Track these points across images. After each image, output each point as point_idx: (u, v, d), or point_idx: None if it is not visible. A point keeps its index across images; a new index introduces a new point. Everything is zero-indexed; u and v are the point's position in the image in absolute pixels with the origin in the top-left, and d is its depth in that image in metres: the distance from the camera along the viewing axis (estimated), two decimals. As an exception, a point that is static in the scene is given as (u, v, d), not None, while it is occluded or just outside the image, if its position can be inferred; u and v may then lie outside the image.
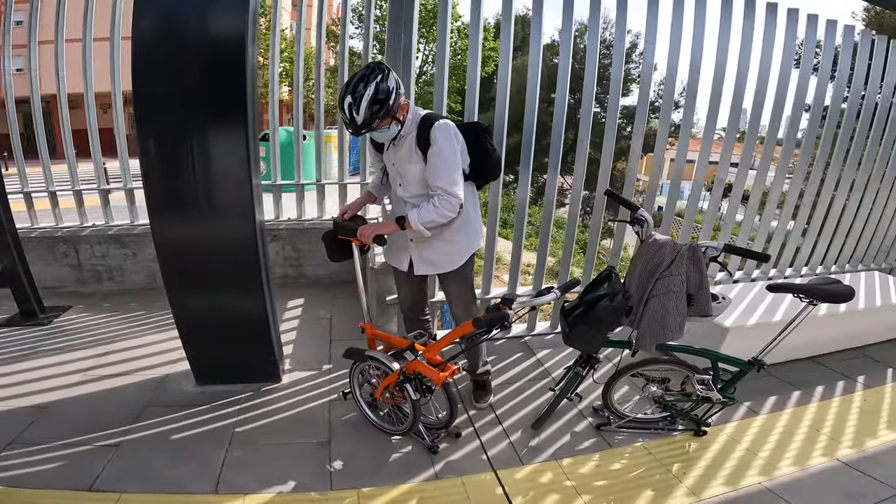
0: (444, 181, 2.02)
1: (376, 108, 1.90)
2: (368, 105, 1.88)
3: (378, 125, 1.96)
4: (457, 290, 2.44)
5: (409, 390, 2.13)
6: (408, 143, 2.11)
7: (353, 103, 1.89)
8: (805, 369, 3.15)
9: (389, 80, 1.92)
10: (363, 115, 1.89)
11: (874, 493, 2.09)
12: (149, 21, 2.08)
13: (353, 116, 1.91)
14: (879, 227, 4.43)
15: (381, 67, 1.93)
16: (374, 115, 1.91)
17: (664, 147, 3.34)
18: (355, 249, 2.28)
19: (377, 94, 1.89)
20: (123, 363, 2.94)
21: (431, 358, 2.16)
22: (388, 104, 1.91)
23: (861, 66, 3.67)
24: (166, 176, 2.27)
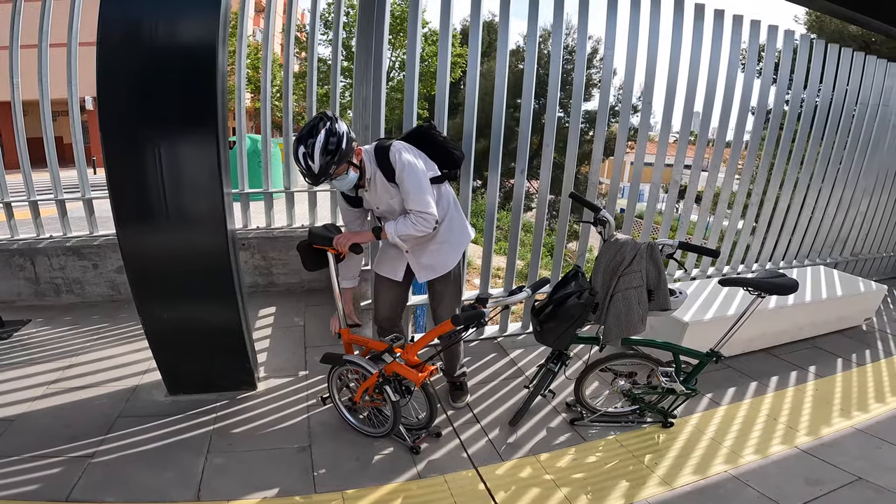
0: (416, 203, 2.08)
1: (329, 157, 1.93)
2: (322, 152, 1.91)
3: (335, 171, 1.99)
4: (450, 291, 2.47)
5: (389, 392, 2.16)
6: (379, 181, 2.16)
7: (307, 153, 1.92)
8: (760, 361, 3.33)
9: (338, 125, 1.96)
10: (318, 162, 1.92)
11: (833, 478, 2.22)
12: (115, 26, 2.05)
13: (308, 165, 1.93)
14: (823, 224, 4.73)
15: (327, 115, 1.97)
16: (329, 162, 1.94)
17: (623, 151, 3.48)
18: (330, 258, 2.30)
19: (329, 140, 1.92)
20: (90, 375, 2.85)
21: (409, 359, 2.19)
22: (340, 148, 1.94)
23: (801, 69, 3.92)
24: (134, 186, 2.22)
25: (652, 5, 3.24)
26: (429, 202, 2.10)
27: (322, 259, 2.32)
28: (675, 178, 3.78)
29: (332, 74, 4.03)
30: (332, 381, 2.44)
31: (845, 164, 4.53)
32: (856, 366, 3.34)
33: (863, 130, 4.48)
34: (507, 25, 2.98)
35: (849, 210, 4.80)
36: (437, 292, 2.50)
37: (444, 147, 2.31)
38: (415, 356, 2.20)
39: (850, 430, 2.60)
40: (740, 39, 3.59)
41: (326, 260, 2.31)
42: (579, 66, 3.18)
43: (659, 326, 3.06)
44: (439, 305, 2.52)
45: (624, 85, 3.41)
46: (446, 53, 2.86)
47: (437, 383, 2.82)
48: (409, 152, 2.14)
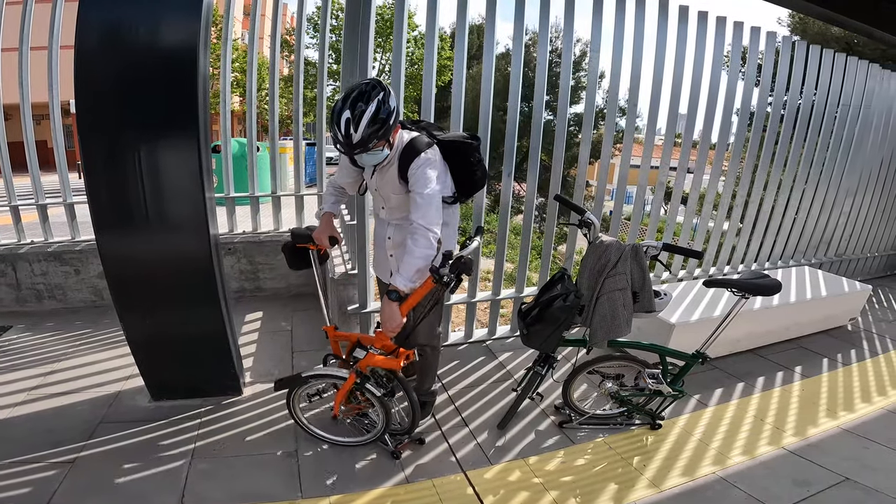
0: (423, 218, 1.92)
1: (376, 128, 1.80)
2: (368, 123, 1.78)
3: (374, 146, 1.86)
4: (427, 305, 2.37)
5: (372, 390, 2.11)
6: (391, 173, 2.06)
7: (351, 119, 1.78)
8: (747, 361, 3.36)
9: (391, 100, 1.83)
10: (361, 133, 1.79)
11: (820, 479, 2.23)
12: (94, 29, 2.02)
13: (349, 134, 1.79)
14: (807, 225, 4.78)
15: (382, 85, 1.83)
16: (372, 135, 1.80)
17: (610, 153, 3.49)
18: (313, 257, 2.31)
19: (378, 114, 1.79)
20: (72, 381, 2.81)
21: (384, 346, 2.11)
22: (387, 125, 1.82)
23: (783, 70, 3.97)
24: (113, 191, 2.19)
25: (637, 7, 3.26)
26: (434, 220, 1.94)
27: (306, 258, 2.32)
28: (661, 179, 3.80)
29: (319, 77, 4.01)
30: (294, 405, 2.33)
31: (828, 165, 4.58)
32: (841, 366, 3.38)
33: (845, 131, 4.53)
34: (493, 29, 2.99)
35: (832, 211, 4.85)
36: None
37: (473, 173, 2.21)
38: (388, 341, 2.10)
39: (837, 431, 2.62)
40: (724, 42, 3.63)
41: (310, 259, 2.32)
42: (565, 69, 3.19)
43: (646, 328, 3.07)
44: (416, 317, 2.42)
45: (610, 87, 3.42)
46: (432, 57, 2.86)
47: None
48: (435, 167, 2.00)
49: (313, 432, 2.38)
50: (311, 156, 10.52)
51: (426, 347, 2.46)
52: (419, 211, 1.93)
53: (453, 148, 2.15)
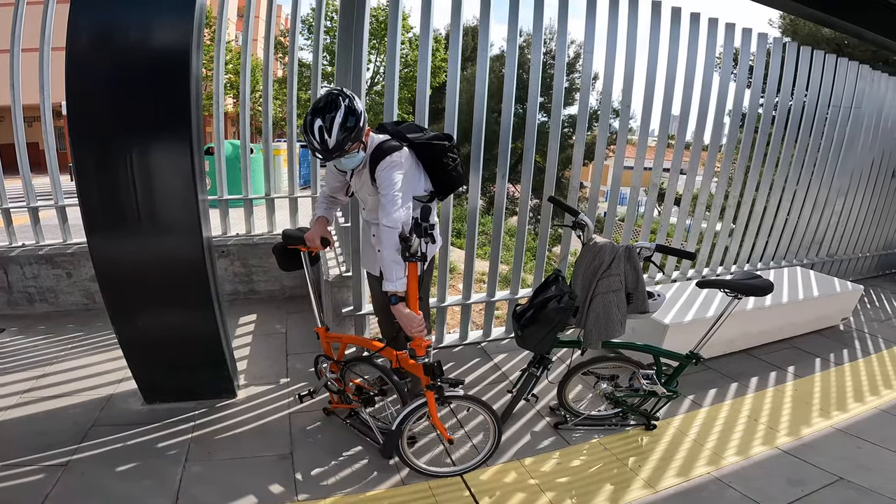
0: (386, 218, 1.97)
1: (347, 131, 1.88)
2: (340, 127, 1.86)
3: (349, 148, 1.93)
4: None
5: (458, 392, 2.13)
6: (364, 175, 2.12)
7: (323, 126, 1.86)
8: (741, 361, 3.38)
9: (357, 103, 1.91)
10: (335, 137, 1.86)
11: (814, 479, 2.24)
12: (85, 30, 2.00)
13: (324, 139, 1.87)
14: (799, 226, 4.81)
15: (346, 93, 1.91)
16: (346, 138, 1.88)
17: (603, 154, 3.51)
18: (304, 258, 2.32)
19: (347, 117, 1.87)
20: (64, 384, 2.80)
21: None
22: (358, 126, 1.90)
23: (775, 72, 4.00)
24: (105, 193, 2.18)
25: (630, 9, 3.27)
26: (391, 213, 1.97)
27: (297, 259, 2.34)
28: (654, 181, 3.82)
29: (313, 79, 4.00)
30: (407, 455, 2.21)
31: (819, 166, 4.62)
32: (834, 365, 3.40)
33: (836, 132, 4.57)
34: (487, 30, 2.99)
35: (824, 211, 4.89)
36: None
37: (447, 174, 2.25)
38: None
39: (830, 430, 2.63)
40: (716, 43, 3.65)
41: (301, 260, 2.33)
42: (559, 70, 3.20)
43: (640, 329, 3.08)
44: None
45: (603, 89, 3.43)
46: (426, 58, 2.86)
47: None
48: (400, 170, 2.02)
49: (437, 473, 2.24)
50: (305, 158, 10.49)
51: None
52: (383, 211, 1.99)
53: (426, 149, 2.20)
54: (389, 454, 2.13)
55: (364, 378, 2.42)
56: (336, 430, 2.48)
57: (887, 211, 5.63)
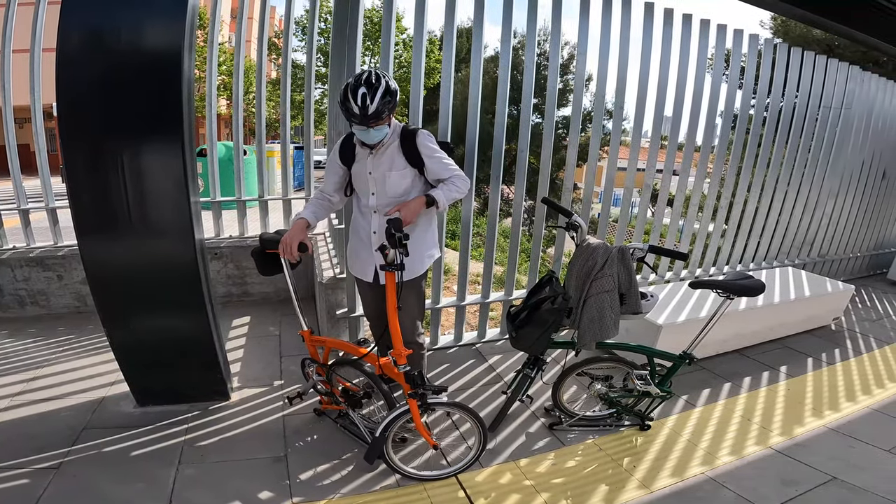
0: (451, 170, 2.22)
1: (388, 100, 2.02)
2: (382, 95, 2.00)
3: (386, 118, 2.07)
4: (411, 299, 2.40)
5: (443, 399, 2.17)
6: (389, 152, 2.19)
7: (367, 93, 1.98)
8: (733, 361, 3.39)
9: (392, 82, 2.07)
10: (376, 104, 1.99)
11: (807, 478, 2.25)
12: (76, 31, 1.99)
13: (365, 105, 1.98)
14: (790, 226, 4.85)
15: (376, 72, 2.05)
16: (384, 106, 2.01)
17: (597, 155, 3.52)
18: (285, 262, 2.29)
19: (389, 88, 2.03)
20: (55, 387, 2.77)
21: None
22: (395, 99, 2.06)
23: (766, 72, 4.03)
24: (96, 195, 2.16)
25: (623, 10, 3.29)
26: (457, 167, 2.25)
27: (277, 264, 2.32)
28: (648, 181, 3.84)
29: (307, 80, 4.00)
30: (392, 459, 2.21)
31: (810, 167, 4.65)
32: (826, 365, 3.42)
33: (826, 133, 4.61)
34: (481, 32, 2.99)
35: (815, 212, 4.93)
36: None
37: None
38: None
39: (823, 430, 2.65)
40: (707, 44, 3.68)
41: (281, 265, 2.30)
42: (552, 72, 3.20)
43: (634, 330, 3.09)
44: (402, 313, 2.42)
45: (597, 90, 3.44)
46: (420, 60, 2.86)
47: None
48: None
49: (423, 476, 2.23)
50: (299, 159, 10.45)
51: (412, 345, 2.43)
52: (445, 168, 2.22)
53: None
54: (373, 460, 2.10)
55: (351, 381, 2.42)
56: (330, 432, 2.47)
57: (878, 211, 5.69)
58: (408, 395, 2.06)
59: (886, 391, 3.07)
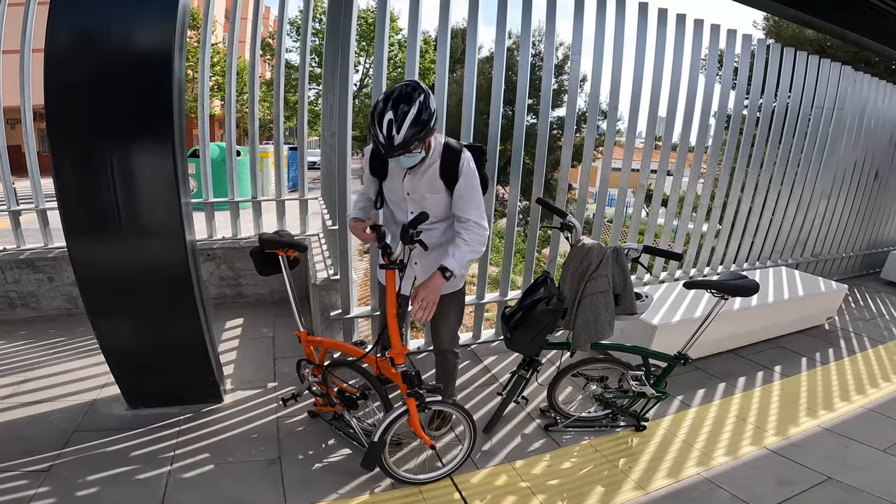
0: (475, 213, 2.03)
1: (417, 130, 1.78)
2: (411, 125, 1.77)
3: (414, 148, 1.84)
4: (454, 307, 2.34)
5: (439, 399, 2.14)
6: (430, 173, 2.03)
7: (393, 121, 1.76)
8: (728, 361, 3.40)
9: (431, 102, 1.82)
10: (404, 135, 1.77)
11: (803, 479, 2.25)
12: (65, 32, 1.96)
13: (391, 135, 1.77)
14: (783, 226, 4.87)
15: (422, 87, 1.82)
16: (413, 137, 1.79)
17: (591, 156, 3.52)
18: (283, 262, 2.30)
19: (420, 115, 1.77)
20: (45, 390, 2.74)
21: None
22: (428, 126, 1.81)
23: (759, 73, 4.04)
24: (84, 197, 2.13)
25: (617, 10, 3.29)
26: (484, 213, 2.08)
27: (275, 264, 2.32)
28: (642, 182, 3.84)
29: (301, 81, 3.98)
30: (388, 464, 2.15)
31: (803, 167, 4.68)
32: (820, 365, 3.44)
33: (819, 133, 4.63)
34: (475, 32, 2.99)
35: (808, 211, 4.96)
36: (440, 308, 2.35)
37: (484, 177, 2.22)
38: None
39: (818, 430, 2.65)
40: (701, 44, 3.69)
41: (279, 265, 2.31)
42: (547, 72, 3.20)
43: (629, 330, 3.08)
44: (442, 322, 2.34)
45: (591, 90, 3.45)
46: (414, 61, 2.85)
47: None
48: (476, 172, 2.07)
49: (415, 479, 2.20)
50: (293, 160, 10.40)
51: (448, 353, 2.43)
52: (472, 206, 2.04)
53: (474, 153, 2.15)
54: (372, 466, 2.04)
55: (348, 383, 2.40)
56: (324, 434, 2.45)
57: (870, 211, 5.72)
58: (406, 395, 2.04)
59: (880, 390, 3.09)
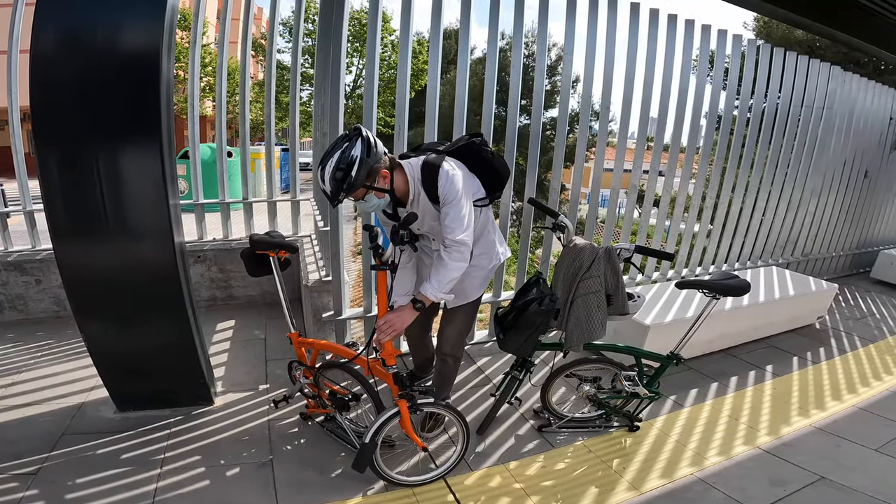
0: (453, 232, 1.93)
1: (339, 178, 1.78)
2: (332, 175, 1.78)
3: (345, 197, 1.84)
4: (464, 310, 2.32)
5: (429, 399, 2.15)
6: (423, 202, 2.00)
7: (320, 171, 1.81)
8: (720, 361, 3.42)
9: (354, 149, 1.78)
10: (328, 185, 1.80)
11: (796, 478, 2.26)
12: (51, 32, 1.93)
13: (323, 188, 1.84)
14: (774, 226, 4.91)
15: (350, 134, 1.82)
16: (338, 187, 1.79)
17: (584, 156, 3.52)
18: (274, 263, 2.29)
19: (339, 165, 1.77)
20: (33, 392, 2.70)
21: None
22: (349, 175, 1.78)
23: (749, 73, 4.06)
24: (71, 198, 2.10)
25: (609, 10, 3.30)
26: (465, 229, 1.94)
27: (266, 265, 2.32)
28: (634, 182, 3.85)
29: (292, 82, 3.96)
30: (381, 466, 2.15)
31: (793, 167, 4.71)
32: (811, 364, 3.46)
33: (809, 133, 4.67)
34: (467, 33, 2.98)
35: (798, 211, 4.99)
36: (447, 316, 2.36)
37: (492, 166, 2.13)
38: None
39: (810, 429, 2.66)
40: (693, 45, 3.70)
41: (270, 266, 2.31)
42: (539, 73, 3.20)
43: (622, 330, 3.09)
44: (449, 325, 2.35)
45: (583, 91, 3.45)
46: (406, 62, 2.84)
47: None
48: (459, 174, 1.95)
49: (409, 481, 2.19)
50: (286, 161, 10.35)
51: (449, 358, 2.41)
52: (450, 226, 1.93)
53: (465, 152, 2.11)
54: (363, 468, 2.02)
55: (340, 384, 2.39)
56: (316, 436, 2.43)
57: (860, 210, 5.77)
58: (398, 397, 2.03)
59: (872, 390, 3.11)
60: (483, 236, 2.22)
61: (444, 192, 1.92)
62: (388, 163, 1.93)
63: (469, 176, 2.07)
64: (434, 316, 2.59)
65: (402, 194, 2.00)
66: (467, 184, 2.01)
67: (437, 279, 1.92)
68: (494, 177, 2.16)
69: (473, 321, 2.45)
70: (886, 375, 3.32)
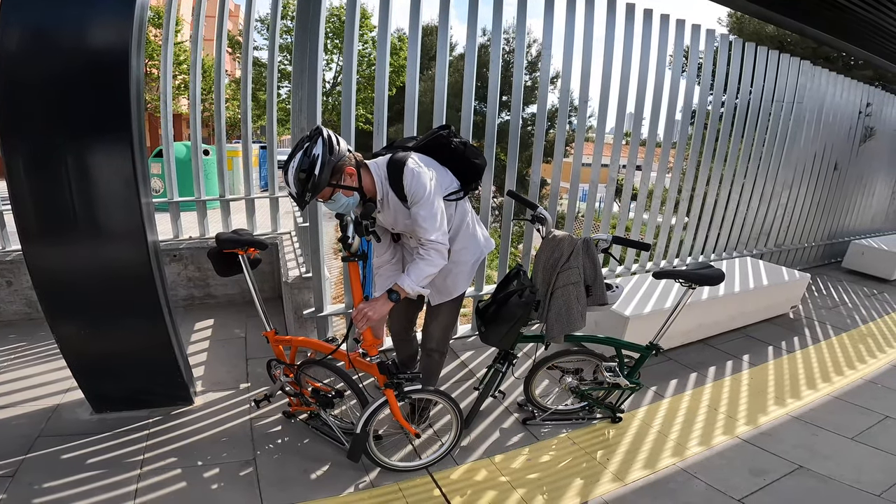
0: (427, 232, 1.93)
1: (303, 178, 1.78)
2: (295, 177, 1.79)
3: (311, 198, 1.83)
4: (447, 307, 2.33)
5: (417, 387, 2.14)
6: (393, 202, 1.99)
7: (285, 175, 1.82)
8: (698, 351, 3.48)
9: (315, 149, 1.78)
10: (293, 187, 1.81)
11: (775, 468, 2.30)
12: (17, 29, 1.88)
13: (289, 189, 1.84)
14: (747, 217, 5.02)
15: (311, 135, 1.81)
16: (303, 188, 1.79)
17: (562, 151, 3.55)
18: (243, 261, 2.24)
19: (301, 166, 1.77)
20: (7, 395, 2.63)
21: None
22: (313, 175, 1.77)
23: (722, 68, 4.14)
24: (40, 198, 2.05)
25: (587, 6, 3.32)
26: (438, 228, 1.94)
27: (236, 264, 2.26)
28: (612, 176, 3.90)
29: (269, 79, 3.90)
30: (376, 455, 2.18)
31: (765, 160, 4.83)
32: (786, 353, 3.54)
33: (780, 127, 4.78)
34: (446, 29, 2.97)
35: (770, 203, 5.12)
36: (434, 307, 2.36)
37: (464, 157, 2.13)
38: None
39: (787, 418, 2.72)
40: (668, 40, 3.76)
41: (240, 265, 2.26)
42: (518, 69, 3.21)
43: (603, 322, 3.12)
44: (434, 320, 2.37)
45: (562, 86, 3.47)
46: (384, 59, 2.82)
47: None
48: (425, 171, 1.93)
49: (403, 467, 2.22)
50: (264, 159, 10.21)
51: (434, 353, 2.42)
52: (423, 226, 1.93)
53: (434, 146, 2.12)
54: (357, 458, 2.05)
55: (322, 381, 2.37)
56: (300, 434, 2.41)
57: (831, 202, 5.94)
58: (384, 386, 2.03)
59: (845, 378, 3.19)
60: (462, 230, 2.22)
61: (410, 190, 1.91)
62: (354, 160, 1.92)
63: (441, 170, 2.08)
64: (419, 311, 2.59)
65: (372, 193, 1.99)
66: (438, 179, 2.01)
67: (416, 273, 1.93)
68: (469, 167, 2.16)
69: (456, 317, 2.46)
70: (860, 364, 3.41)
